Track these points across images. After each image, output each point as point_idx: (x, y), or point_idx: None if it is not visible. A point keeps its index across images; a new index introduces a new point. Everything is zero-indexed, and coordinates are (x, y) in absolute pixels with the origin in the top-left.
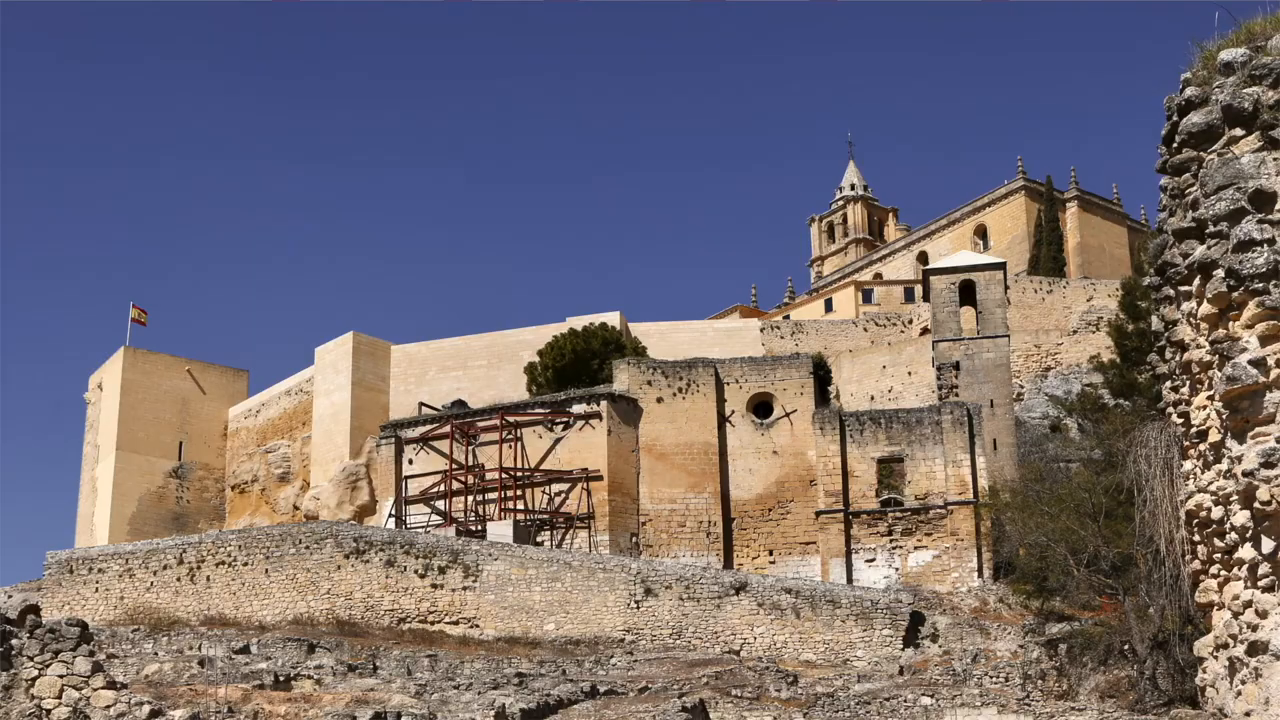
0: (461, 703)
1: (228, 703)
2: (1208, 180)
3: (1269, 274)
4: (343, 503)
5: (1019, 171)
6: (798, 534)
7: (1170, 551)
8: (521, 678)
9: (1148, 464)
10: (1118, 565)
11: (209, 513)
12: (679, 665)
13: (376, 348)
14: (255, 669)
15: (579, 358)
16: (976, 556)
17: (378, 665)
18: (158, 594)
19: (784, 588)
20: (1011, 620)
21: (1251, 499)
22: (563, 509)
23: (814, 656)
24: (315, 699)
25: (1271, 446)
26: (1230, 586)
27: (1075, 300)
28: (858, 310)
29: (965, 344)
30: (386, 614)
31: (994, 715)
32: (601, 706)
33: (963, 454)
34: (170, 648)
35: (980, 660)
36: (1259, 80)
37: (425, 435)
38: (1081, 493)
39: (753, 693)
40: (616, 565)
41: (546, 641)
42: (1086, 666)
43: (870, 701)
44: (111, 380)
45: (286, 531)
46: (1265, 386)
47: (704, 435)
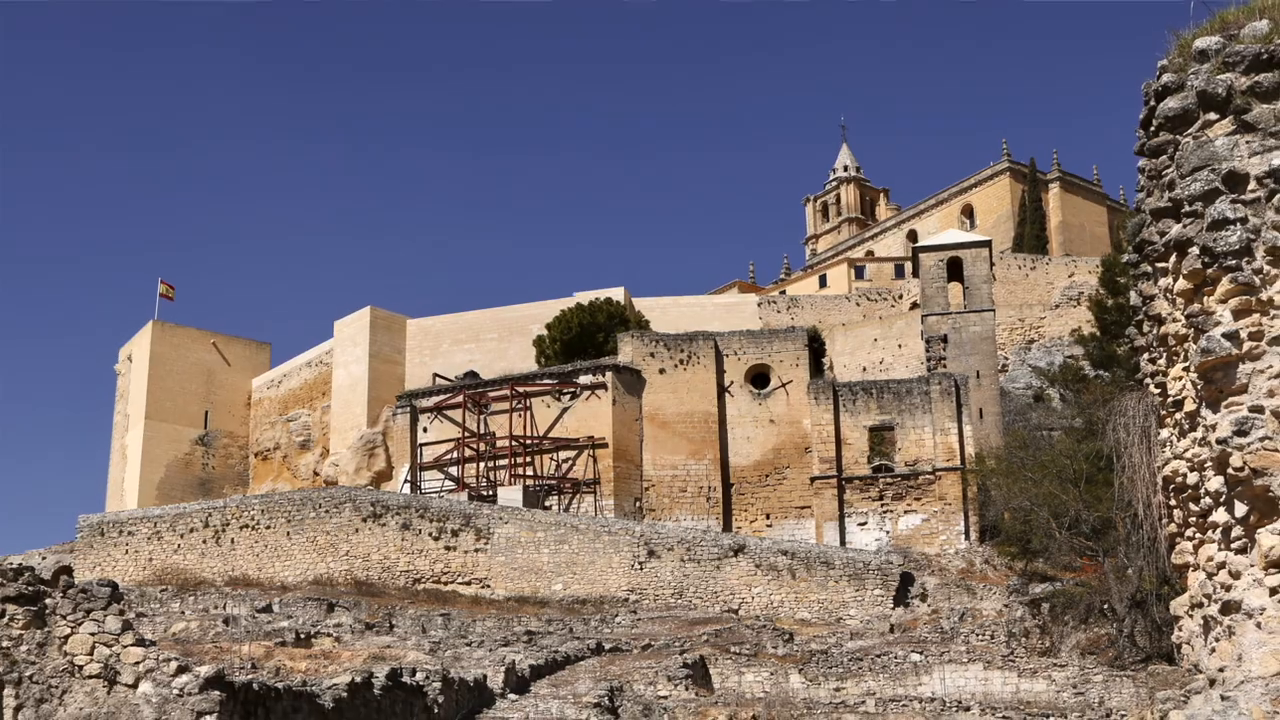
0: (473, 659)
1: (251, 659)
2: (1183, 162)
3: (1241, 251)
4: (360, 469)
5: (1004, 154)
6: (793, 499)
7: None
8: (530, 635)
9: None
10: (1098, 528)
11: (233, 478)
12: (680, 624)
13: (393, 321)
14: (277, 627)
15: (585, 331)
16: (963, 520)
17: (394, 624)
18: (184, 556)
19: (780, 550)
20: (996, 581)
21: (1225, 465)
22: (570, 475)
23: (809, 615)
24: (334, 655)
25: (1244, 415)
26: (1205, 549)
27: (1057, 276)
28: (850, 286)
29: (953, 318)
30: (402, 575)
31: (980, 671)
32: (607, 663)
33: (950, 422)
34: (196, 607)
35: (967, 619)
36: (1232, 67)
37: (439, 405)
38: (1063, 459)
39: (750, 650)
40: (621, 528)
41: (554, 601)
42: (1068, 625)
43: (862, 658)
44: (140, 353)
45: (307, 496)
46: (1238, 358)
47: (704, 405)
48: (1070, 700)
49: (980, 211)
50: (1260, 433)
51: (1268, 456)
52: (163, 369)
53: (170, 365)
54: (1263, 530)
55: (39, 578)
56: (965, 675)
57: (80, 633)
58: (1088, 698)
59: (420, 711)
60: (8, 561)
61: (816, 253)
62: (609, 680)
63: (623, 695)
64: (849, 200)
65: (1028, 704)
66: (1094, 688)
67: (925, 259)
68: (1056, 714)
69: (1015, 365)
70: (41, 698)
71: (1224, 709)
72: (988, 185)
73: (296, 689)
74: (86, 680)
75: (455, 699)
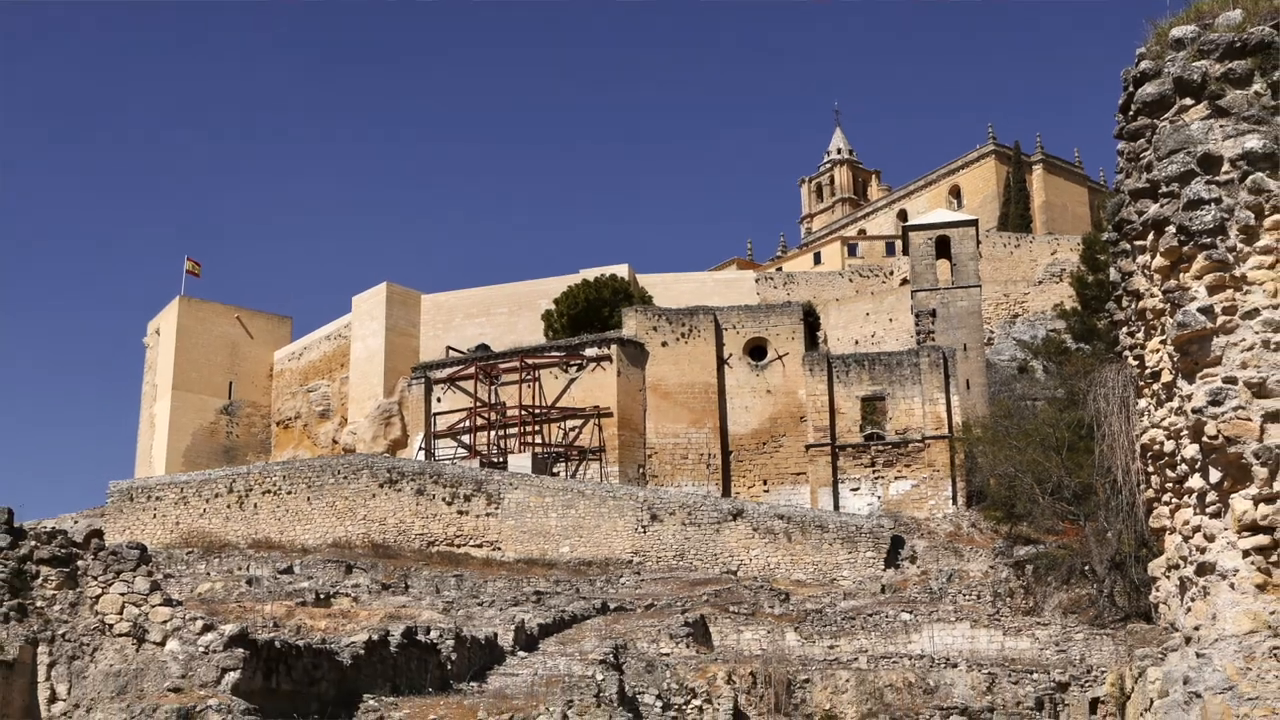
0: (485, 618)
1: (273, 618)
2: (1160, 145)
3: (1216, 230)
4: (377, 437)
5: (989, 137)
6: (789, 465)
7: (1126, 481)
8: (539, 595)
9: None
10: (1079, 494)
11: (256, 446)
12: (682, 584)
13: (408, 297)
14: (298, 588)
15: (591, 306)
16: (951, 486)
17: (409, 584)
18: (210, 520)
19: (777, 514)
20: (982, 543)
21: (1200, 433)
22: (576, 443)
23: (804, 576)
24: (352, 615)
25: (1218, 386)
26: (1181, 513)
27: (1040, 254)
28: (844, 263)
29: (941, 293)
30: (417, 538)
31: (967, 629)
32: (611, 622)
33: (939, 393)
34: (221, 568)
35: (954, 580)
36: (1207, 55)
37: (452, 376)
38: (1046, 428)
39: (748, 609)
40: (625, 493)
41: (562, 563)
42: (1050, 585)
43: (855, 617)
44: (168, 326)
45: (326, 463)
46: (1212, 332)
47: (704, 376)
48: (1053, 657)
49: (967, 192)
50: (1233, 402)
51: (1240, 425)
52: (189, 342)
53: (196, 338)
54: (1236, 495)
55: (71, 541)
56: (953, 634)
57: (110, 593)
58: (1069, 655)
59: (434, 668)
60: (41, 525)
61: (811, 231)
62: (614, 638)
63: (627, 652)
64: (842, 181)
65: (1012, 661)
66: (1075, 645)
67: (915, 237)
68: (1040, 670)
69: (1000, 338)
70: (74, 655)
71: (1199, 665)
72: (974, 167)
73: (316, 646)
74: (116, 638)
75: (467, 656)
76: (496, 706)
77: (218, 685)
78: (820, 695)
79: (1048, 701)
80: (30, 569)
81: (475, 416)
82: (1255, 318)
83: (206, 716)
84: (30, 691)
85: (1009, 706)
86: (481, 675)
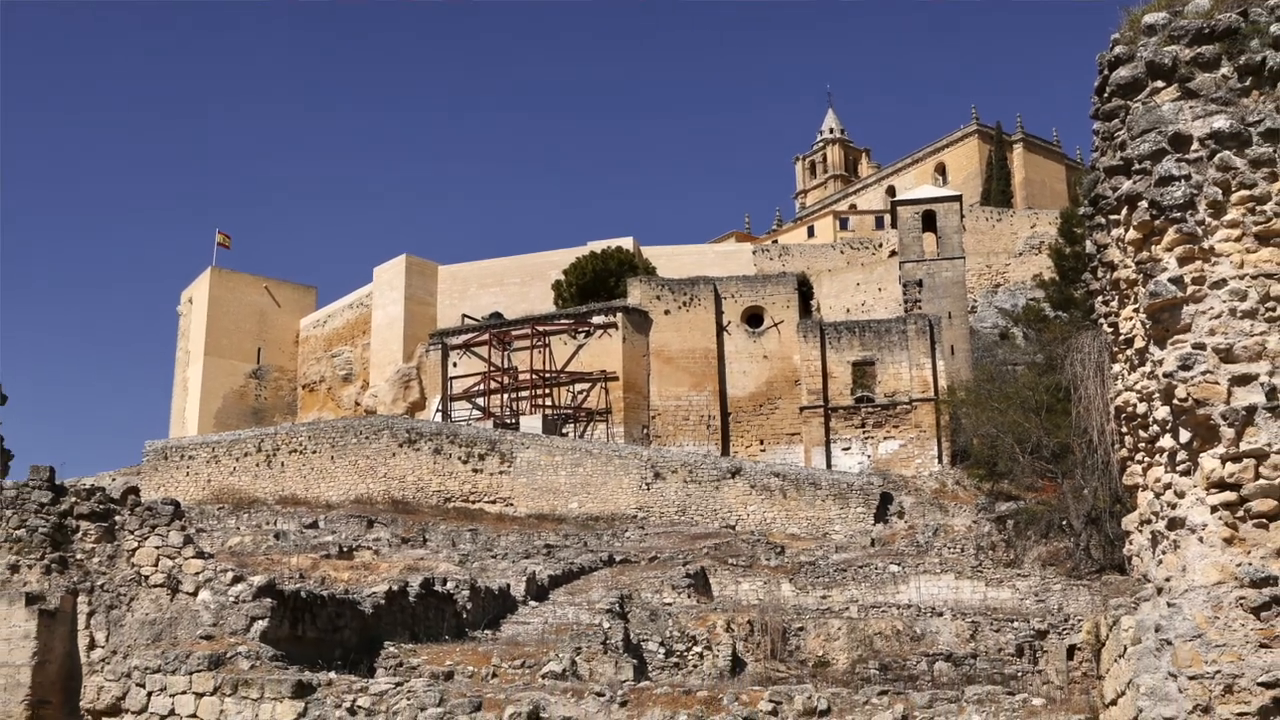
0: (498, 570)
1: (299, 570)
2: (1133, 125)
3: (1186, 205)
4: (397, 399)
5: (973, 118)
6: (784, 426)
7: (1101, 441)
8: (549, 549)
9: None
10: (1057, 453)
11: (283, 408)
12: (683, 538)
13: (426, 267)
14: (322, 541)
15: (598, 276)
16: (936, 445)
17: (427, 538)
18: (239, 477)
19: (773, 472)
20: (966, 500)
21: (1171, 396)
22: (584, 405)
23: (798, 530)
24: (373, 567)
25: (1188, 352)
26: (1153, 471)
27: (1021, 227)
28: (835, 236)
29: (927, 264)
30: (434, 494)
31: (951, 580)
32: (618, 573)
33: (925, 358)
34: (250, 523)
35: (940, 534)
36: (1177, 40)
37: (467, 342)
38: (1026, 391)
39: (746, 561)
40: (630, 453)
41: (570, 518)
42: (1030, 539)
43: (846, 569)
44: (200, 295)
45: (349, 424)
46: (1182, 301)
47: (705, 342)
48: (1032, 606)
49: (952, 169)
50: (1202, 367)
51: (1209, 388)
52: (220, 310)
53: (227, 307)
54: (1204, 454)
55: (109, 497)
56: (938, 584)
57: (146, 546)
58: (1048, 604)
59: (450, 617)
60: (81, 483)
61: (805, 206)
62: (619, 589)
63: (632, 602)
64: (834, 159)
65: (994, 610)
66: (1053, 595)
67: (902, 212)
68: (1020, 619)
69: (983, 307)
70: (111, 604)
71: (1170, 614)
72: (958, 146)
73: (340, 596)
74: (152, 589)
75: (482, 606)
76: (509, 653)
77: (247, 633)
78: (813, 642)
79: (1027, 648)
80: (71, 524)
81: (489, 380)
82: (1223, 287)
83: (236, 662)
84: (71, 639)
85: (991, 653)
86: (495, 623)
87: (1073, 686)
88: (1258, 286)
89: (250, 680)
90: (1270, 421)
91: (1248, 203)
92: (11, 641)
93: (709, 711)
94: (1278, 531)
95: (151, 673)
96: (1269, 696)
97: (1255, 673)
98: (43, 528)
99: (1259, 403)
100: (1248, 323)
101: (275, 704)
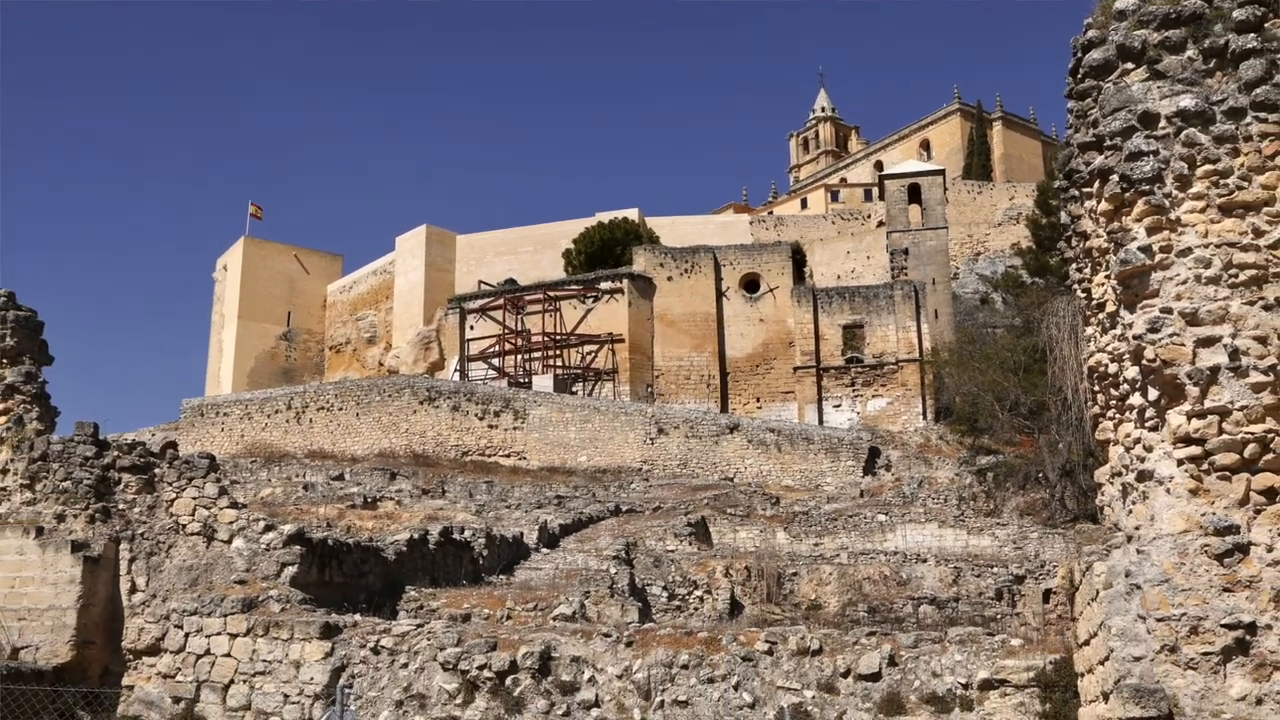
0: (512, 519)
1: (326, 519)
2: (1105, 104)
3: (1154, 178)
4: (418, 360)
5: (955, 97)
6: (779, 385)
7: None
8: (560, 499)
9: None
10: (1033, 410)
11: (311, 368)
12: (685, 489)
13: (444, 237)
14: (348, 492)
15: (606, 245)
16: (921, 403)
17: (445, 489)
18: (270, 433)
19: (768, 428)
20: (949, 454)
21: (1140, 357)
22: (592, 365)
23: (792, 482)
24: (396, 516)
25: (1156, 315)
26: (1123, 426)
27: (1000, 200)
28: (827, 207)
29: (912, 234)
30: (452, 449)
31: (935, 529)
32: (623, 522)
33: (910, 321)
34: (280, 476)
35: (924, 485)
36: (1146, 24)
37: (483, 307)
38: (1005, 352)
39: (743, 511)
40: (635, 410)
41: (580, 471)
42: (1009, 490)
43: (837, 518)
44: (234, 263)
45: (373, 383)
46: (1151, 268)
47: (705, 307)
48: (1011, 553)
49: (935, 145)
50: (1169, 330)
51: (1175, 350)
52: (253, 277)
53: (259, 274)
54: (1171, 411)
55: (149, 451)
56: (923, 533)
57: (184, 497)
58: (1025, 551)
59: (468, 563)
60: (123, 438)
61: (799, 180)
62: (625, 537)
63: (637, 549)
64: (826, 136)
65: (975, 556)
66: (1030, 543)
67: (890, 185)
68: (999, 565)
69: (965, 273)
70: (151, 551)
71: (1139, 561)
72: (942, 123)
73: (364, 544)
74: (189, 537)
75: (497, 553)
76: (522, 596)
77: (278, 578)
78: (806, 587)
79: (1006, 592)
80: (113, 476)
81: (504, 342)
82: (1188, 255)
83: (268, 605)
84: (113, 583)
85: (972, 596)
86: (509, 569)
87: (1048, 628)
88: (1221, 255)
89: (281, 622)
90: (1233, 381)
91: (1212, 176)
92: (58, 586)
93: (709, 651)
94: (1240, 483)
95: (189, 615)
96: (1231, 637)
97: (1218, 615)
98: (87, 480)
99: (1222, 363)
100: (1212, 288)
101: (304, 644)
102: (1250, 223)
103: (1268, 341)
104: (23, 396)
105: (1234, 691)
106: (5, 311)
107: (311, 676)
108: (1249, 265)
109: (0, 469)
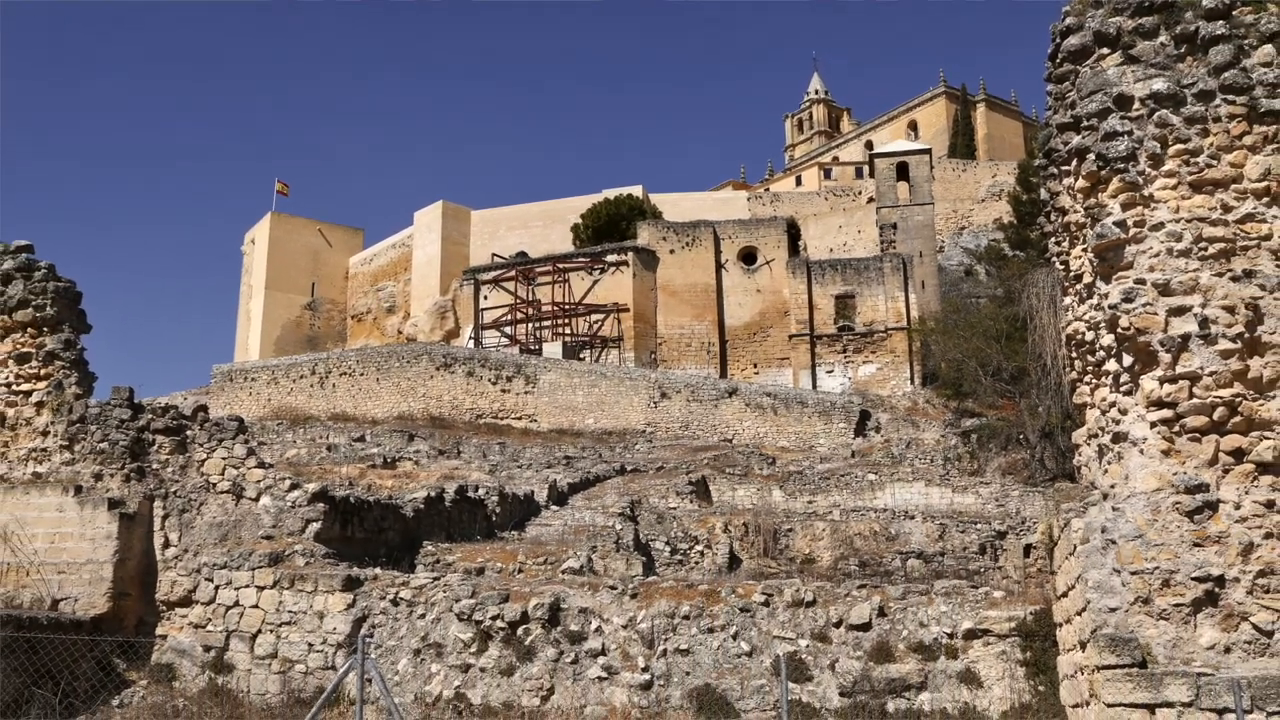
0: (523, 478)
1: (348, 478)
2: (1082, 87)
3: (1128, 157)
4: (434, 328)
5: (941, 80)
6: (775, 352)
7: (1054, 365)
8: (568, 459)
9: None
10: (1015, 375)
11: (334, 336)
12: (686, 450)
13: (460, 212)
14: (369, 453)
15: (611, 220)
16: (909, 369)
17: (461, 450)
18: (296, 397)
19: (765, 392)
20: (935, 416)
21: (1115, 326)
22: (599, 333)
23: (787, 444)
24: (414, 475)
25: (1130, 286)
26: (1099, 391)
27: (983, 177)
28: (820, 185)
29: (901, 209)
30: (467, 412)
31: (922, 487)
32: (628, 481)
33: (899, 292)
34: (305, 437)
35: (912, 446)
36: (1121, 12)
37: (496, 278)
38: (988, 321)
39: (741, 471)
40: (639, 375)
41: (587, 432)
42: (992, 451)
43: (830, 477)
44: (261, 236)
45: (393, 350)
46: (1125, 241)
47: (705, 278)
48: (993, 510)
49: (922, 125)
50: (1143, 300)
51: (1148, 319)
52: (279, 249)
53: (285, 246)
54: (1145, 377)
55: (181, 414)
56: (910, 491)
57: (214, 457)
58: (1007, 509)
59: (482, 520)
60: (156, 402)
61: (794, 158)
62: (630, 495)
63: (641, 506)
64: (819, 117)
65: (960, 513)
66: (1012, 500)
67: (879, 163)
68: (982, 521)
69: (950, 247)
70: (183, 508)
71: (1114, 517)
72: (928, 105)
73: (384, 502)
74: (219, 495)
75: (509, 510)
76: (533, 551)
77: (302, 534)
78: (801, 542)
79: (989, 547)
80: (147, 437)
81: (515, 311)
82: (1161, 230)
83: (293, 559)
84: (148, 539)
85: (957, 551)
86: (521, 525)
87: (1029, 581)
88: (1192, 229)
89: (305, 575)
90: (1202, 348)
91: (1183, 155)
92: (96, 541)
93: (709, 603)
94: (1209, 444)
95: (219, 568)
96: (1201, 590)
97: (1189, 569)
98: (123, 441)
99: (1192, 331)
100: (1183, 261)
101: (328, 596)
102: (1219, 199)
103: (1235, 311)
104: (62, 363)
105: (1204, 641)
106: (46, 282)
107: (334, 627)
108: (1218, 239)
109: (41, 431)
